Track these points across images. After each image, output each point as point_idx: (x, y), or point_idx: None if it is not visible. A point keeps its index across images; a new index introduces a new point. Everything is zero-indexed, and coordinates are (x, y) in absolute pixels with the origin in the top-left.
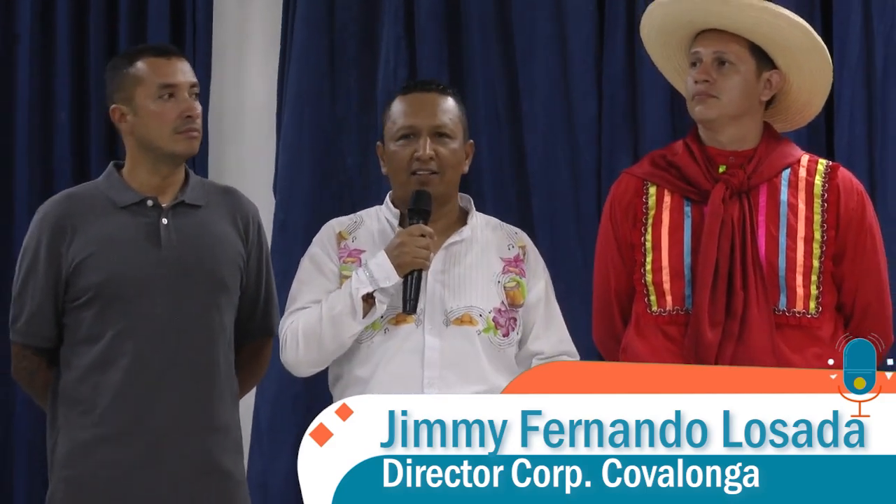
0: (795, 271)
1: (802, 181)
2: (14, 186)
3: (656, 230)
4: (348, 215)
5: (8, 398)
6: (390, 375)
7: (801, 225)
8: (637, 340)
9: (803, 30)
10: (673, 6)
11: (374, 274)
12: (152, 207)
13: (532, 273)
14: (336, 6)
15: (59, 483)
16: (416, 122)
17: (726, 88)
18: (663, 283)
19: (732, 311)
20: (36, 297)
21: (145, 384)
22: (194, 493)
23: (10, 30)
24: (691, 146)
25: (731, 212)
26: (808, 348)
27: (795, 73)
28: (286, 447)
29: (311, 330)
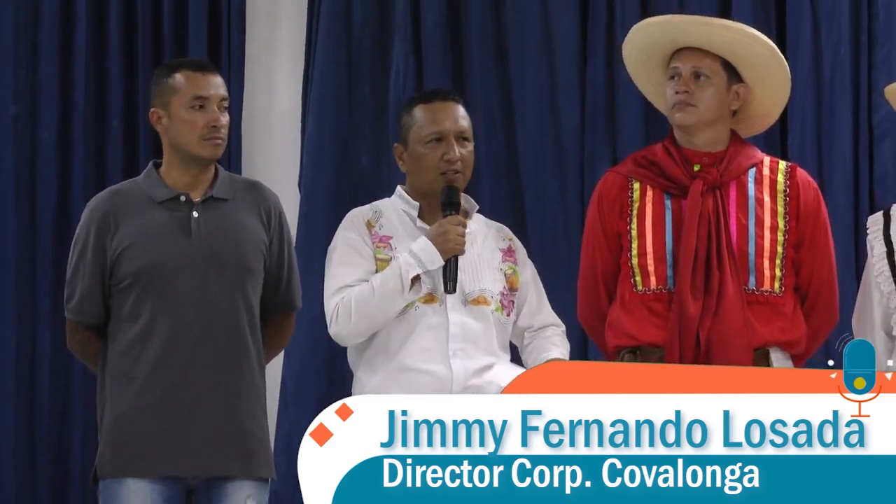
0: (763, 256)
1: (766, 178)
2: (72, 182)
3: (641, 220)
4: (367, 206)
5: (66, 368)
6: (419, 347)
7: (766, 216)
8: (623, 315)
9: (770, 49)
10: (657, 27)
11: (422, 258)
12: (185, 202)
13: (521, 262)
14: (353, 26)
15: (107, 447)
16: (445, 128)
17: (703, 98)
18: (648, 266)
19: (710, 289)
20: (85, 280)
21: (179, 357)
22: (223, 455)
23: (69, 46)
24: (669, 148)
25: (707, 204)
26: (774, 322)
27: (759, 87)
28: (310, 411)
29: (363, 304)
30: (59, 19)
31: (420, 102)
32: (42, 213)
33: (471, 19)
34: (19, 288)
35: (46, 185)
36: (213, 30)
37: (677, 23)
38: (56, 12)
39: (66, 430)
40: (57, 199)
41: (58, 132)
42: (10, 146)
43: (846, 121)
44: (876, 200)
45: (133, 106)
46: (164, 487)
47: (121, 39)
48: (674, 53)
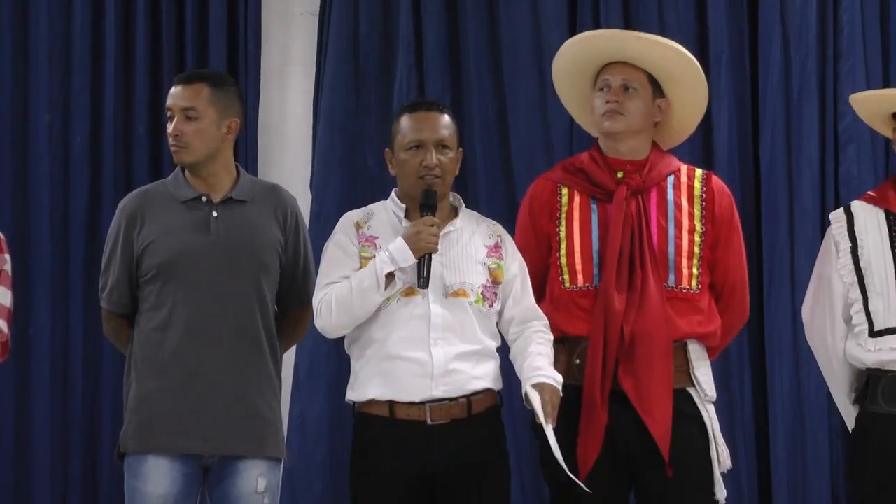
0: (682, 255)
1: (684, 185)
2: (102, 184)
3: (569, 223)
4: (361, 208)
5: (96, 354)
6: (403, 336)
7: (685, 219)
8: (553, 311)
9: (697, 67)
10: (592, 41)
11: (395, 256)
12: (205, 202)
13: (509, 257)
14: (360, 41)
15: (130, 424)
16: (423, 137)
17: (631, 108)
18: (576, 265)
19: (633, 286)
20: (115, 272)
21: (197, 344)
22: (236, 435)
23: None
24: (595, 156)
25: (631, 208)
26: (692, 316)
27: (679, 102)
28: (319, 395)
29: (342, 300)
30: (90, 36)
31: (406, 112)
32: (74, 212)
33: (468, 35)
34: (53, 281)
35: (78, 186)
36: (232, 45)
37: (617, 37)
38: (87, 30)
39: (95, 411)
40: (88, 199)
41: (89, 138)
42: (46, 151)
43: (813, 127)
44: (841, 200)
45: (157, 114)
46: (181, 464)
47: (146, 54)
48: (603, 67)
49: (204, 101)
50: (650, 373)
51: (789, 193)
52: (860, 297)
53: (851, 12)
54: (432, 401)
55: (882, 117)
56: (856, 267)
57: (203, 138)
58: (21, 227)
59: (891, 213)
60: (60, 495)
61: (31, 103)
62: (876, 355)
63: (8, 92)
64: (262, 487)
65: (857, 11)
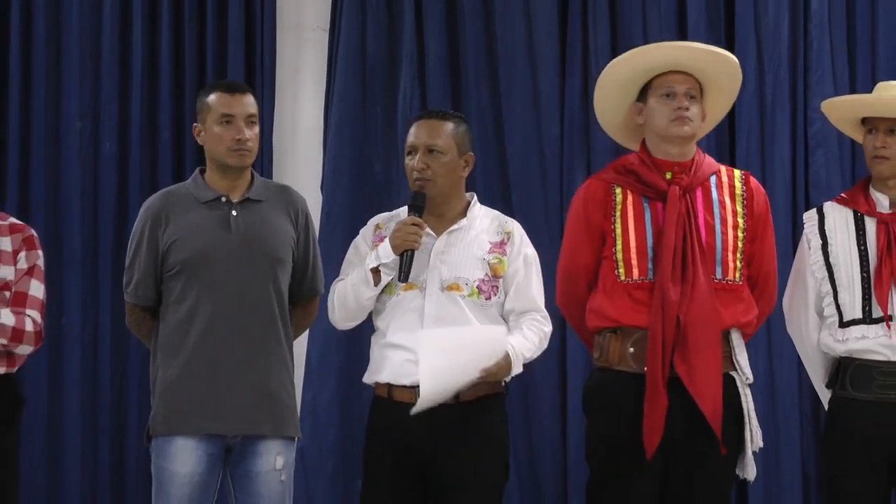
0: (727, 250)
1: (726, 184)
2: (129, 186)
3: (623, 220)
4: (389, 212)
5: (123, 343)
6: (400, 327)
7: (729, 216)
8: (606, 302)
9: (738, 69)
10: (661, 50)
11: (380, 253)
12: (225, 203)
13: (514, 253)
14: (367, 54)
15: (158, 409)
16: (414, 142)
17: (695, 114)
18: (631, 259)
19: (686, 279)
20: (141, 268)
21: (219, 334)
22: (257, 417)
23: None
24: (644, 158)
25: (681, 207)
26: (736, 306)
27: (712, 104)
28: (330, 380)
29: (341, 295)
30: (118, 49)
31: (412, 121)
32: (103, 212)
33: (467, 49)
34: (84, 276)
35: (107, 188)
36: (248, 58)
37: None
38: (115, 43)
39: (123, 396)
40: (116, 199)
41: (117, 143)
42: (77, 155)
43: (785, 133)
44: (811, 201)
45: (180, 121)
46: (206, 444)
47: (170, 66)
48: (655, 77)
49: (256, 110)
50: (702, 359)
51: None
52: (831, 290)
53: (820, 27)
54: (419, 385)
55: (851, 122)
56: (826, 263)
57: (257, 143)
58: (53, 225)
59: (858, 213)
60: (90, 475)
61: (63, 111)
62: (844, 345)
63: (42, 101)
64: (280, 465)
65: (825, 26)
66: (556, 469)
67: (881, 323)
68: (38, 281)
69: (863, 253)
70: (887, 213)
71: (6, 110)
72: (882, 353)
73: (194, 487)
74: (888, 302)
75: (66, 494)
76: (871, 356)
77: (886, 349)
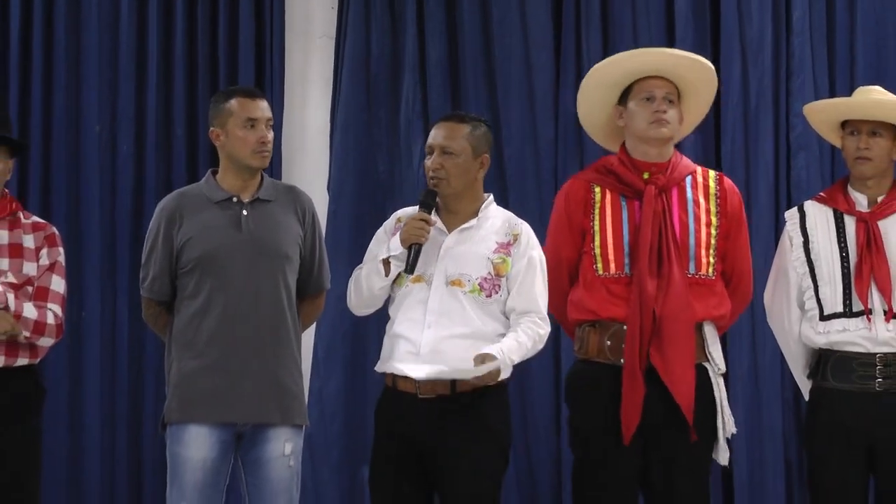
0: (700, 246)
1: (700, 184)
2: (145, 186)
3: (602, 217)
4: (413, 206)
5: (140, 336)
6: (406, 318)
7: (702, 214)
8: (586, 295)
9: (714, 75)
10: (644, 57)
11: (391, 245)
12: (236, 202)
13: (518, 254)
14: (371, 61)
15: (173, 399)
16: (432, 143)
17: (673, 117)
18: (608, 254)
19: (661, 274)
20: (156, 265)
21: (231, 327)
22: (266, 406)
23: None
24: (623, 159)
25: (657, 205)
26: (709, 300)
27: (690, 107)
28: (336, 372)
29: (356, 283)
30: (135, 54)
31: (434, 123)
32: (120, 210)
33: (466, 56)
34: (102, 272)
35: (124, 187)
36: (259, 64)
37: (670, 53)
38: (132, 50)
39: (139, 385)
40: (132, 198)
41: (133, 145)
42: (95, 156)
43: (768, 137)
44: (793, 201)
45: (194, 124)
46: (219, 432)
47: (184, 71)
48: (636, 82)
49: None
50: (676, 350)
51: (747, 195)
52: (811, 285)
53: (802, 36)
54: (422, 377)
55: (831, 126)
56: (807, 259)
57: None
58: (73, 223)
59: (838, 212)
60: (109, 461)
61: (82, 114)
62: (825, 337)
63: (62, 105)
64: (288, 451)
65: (806, 35)
66: (550, 456)
67: (861, 316)
68: (59, 276)
69: (843, 249)
70: (866, 211)
71: (28, 114)
72: (862, 345)
73: (207, 472)
74: (868, 296)
75: (85, 479)
76: (852, 348)
77: (866, 341)
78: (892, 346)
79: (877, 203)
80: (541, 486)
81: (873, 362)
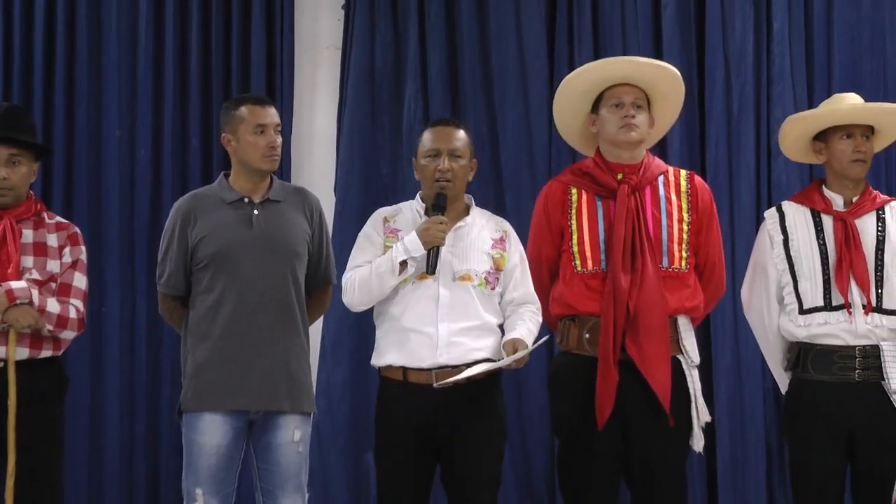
0: (673, 241)
1: (672, 183)
2: (162, 188)
3: (579, 216)
4: (392, 205)
5: (157, 329)
6: (416, 313)
7: (674, 211)
8: (566, 290)
9: (681, 81)
10: (612, 65)
11: (409, 247)
12: (247, 203)
13: (511, 249)
14: (375, 70)
15: (189, 388)
16: (439, 146)
17: (642, 121)
18: (585, 251)
19: (635, 268)
20: (172, 262)
21: (243, 321)
22: (276, 394)
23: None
24: (598, 161)
25: (630, 203)
26: (682, 292)
27: (660, 112)
28: (343, 362)
29: (364, 281)
30: (152, 64)
31: (428, 126)
32: (139, 211)
33: (465, 66)
34: (122, 269)
35: (142, 190)
36: (270, 73)
37: (635, 62)
38: (150, 60)
39: (157, 376)
40: (150, 200)
41: (151, 150)
42: (116, 161)
43: (750, 141)
44: (773, 201)
45: (208, 130)
46: (232, 419)
47: (199, 80)
48: (607, 89)
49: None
50: (651, 341)
51: (730, 195)
52: (791, 280)
53: (782, 46)
54: (437, 367)
55: (806, 138)
56: (787, 255)
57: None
58: (95, 223)
59: (816, 211)
60: (128, 446)
61: (103, 121)
62: (806, 330)
63: (84, 112)
64: (297, 438)
65: (786, 45)
66: (543, 443)
67: (842, 310)
68: (80, 273)
69: (822, 247)
70: (843, 210)
71: (52, 121)
72: (842, 337)
73: (220, 457)
74: (848, 291)
75: (105, 463)
76: (832, 341)
77: (846, 334)
78: (870, 338)
79: (852, 203)
80: (535, 471)
81: (853, 354)
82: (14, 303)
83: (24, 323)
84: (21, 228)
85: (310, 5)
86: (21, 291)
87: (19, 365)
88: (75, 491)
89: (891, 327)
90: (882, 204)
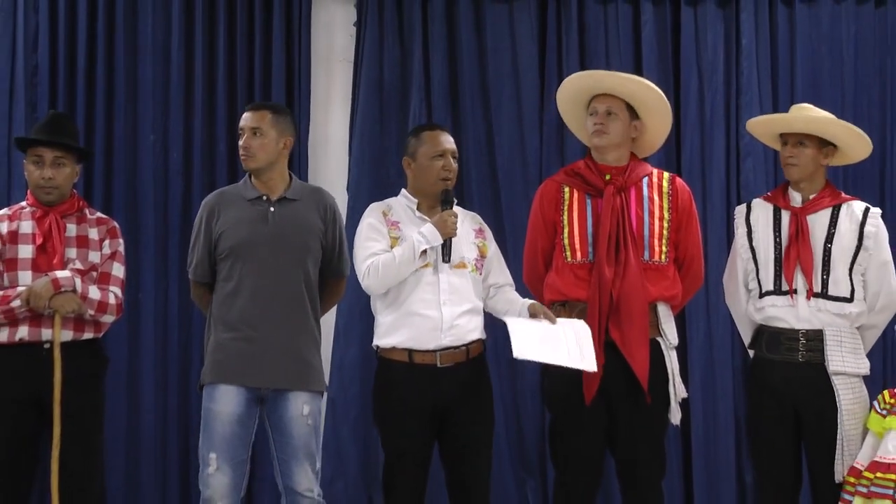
0: (654, 236)
1: (655, 184)
2: (192, 187)
3: (570, 213)
4: (380, 202)
5: (188, 313)
6: (420, 298)
7: (656, 209)
8: (557, 279)
9: (659, 95)
10: (583, 79)
11: (429, 238)
12: (265, 201)
13: (489, 238)
14: (384, 81)
15: (210, 364)
16: (446, 148)
17: (612, 129)
18: (575, 244)
19: (619, 260)
20: (199, 252)
21: (258, 307)
22: (286, 373)
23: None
24: (588, 163)
25: (616, 202)
26: (661, 282)
27: (650, 122)
28: (355, 343)
29: (387, 267)
30: (184, 76)
31: (426, 130)
32: (171, 207)
33: (464, 78)
34: (156, 259)
35: (175, 189)
36: (289, 84)
37: (597, 76)
38: (181, 72)
39: (187, 355)
40: (182, 199)
41: (182, 153)
42: (150, 163)
43: (721, 145)
44: (742, 199)
45: (234, 135)
46: (245, 391)
47: (225, 91)
48: (592, 98)
49: (267, 123)
50: (632, 326)
51: (703, 195)
52: (754, 268)
53: (749, 59)
54: (442, 349)
55: (772, 136)
56: (750, 246)
57: (265, 150)
58: (132, 218)
59: (777, 207)
60: (161, 419)
61: (139, 127)
62: (761, 313)
63: (122, 119)
64: (306, 412)
65: (753, 59)
66: (535, 415)
67: (787, 295)
68: (119, 263)
69: (777, 238)
70: (798, 207)
71: (93, 128)
72: (786, 320)
73: (234, 425)
74: (793, 278)
75: (142, 435)
76: (779, 324)
77: (791, 317)
78: (811, 323)
79: (809, 200)
80: (528, 443)
81: (797, 337)
82: (59, 290)
83: (68, 308)
84: (65, 223)
85: (325, 23)
86: (65, 280)
87: (64, 346)
88: (115, 458)
89: (834, 312)
90: (840, 202)
